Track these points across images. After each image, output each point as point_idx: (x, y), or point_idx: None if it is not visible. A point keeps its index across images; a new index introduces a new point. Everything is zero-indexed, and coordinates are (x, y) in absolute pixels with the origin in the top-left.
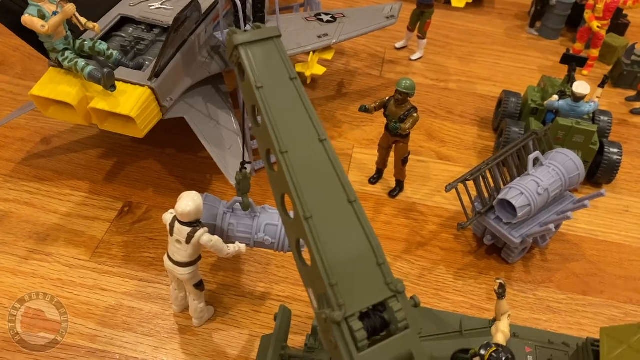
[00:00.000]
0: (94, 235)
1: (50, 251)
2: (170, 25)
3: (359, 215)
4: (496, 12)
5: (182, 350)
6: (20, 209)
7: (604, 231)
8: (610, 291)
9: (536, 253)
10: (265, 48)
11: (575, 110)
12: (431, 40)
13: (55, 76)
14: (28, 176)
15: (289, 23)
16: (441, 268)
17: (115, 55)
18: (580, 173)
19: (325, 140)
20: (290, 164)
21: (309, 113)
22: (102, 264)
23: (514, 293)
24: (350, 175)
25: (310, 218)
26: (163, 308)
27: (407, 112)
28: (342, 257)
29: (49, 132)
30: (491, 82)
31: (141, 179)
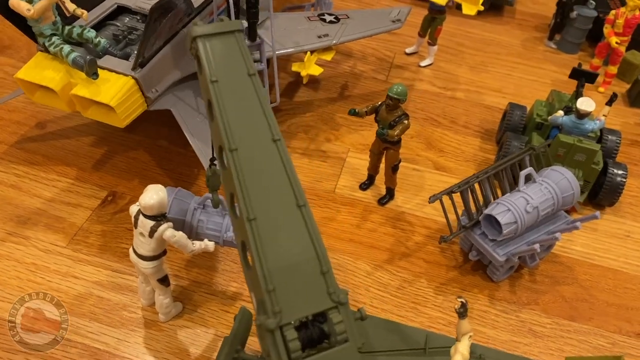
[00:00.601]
0: (74, 222)
1: (28, 235)
2: (148, 15)
3: (307, 220)
4: (516, 22)
5: (144, 345)
6: (5, 191)
7: (601, 255)
8: (599, 319)
9: (525, 273)
10: (226, 42)
11: (578, 128)
12: (443, 48)
13: (41, 61)
14: (18, 159)
15: (289, 21)
16: (422, 281)
17: (103, 43)
18: (575, 193)
19: (279, 141)
20: (239, 163)
21: (264, 111)
22: (78, 251)
23: (495, 313)
24: (341, 179)
25: (253, 220)
26: (132, 300)
27: (398, 118)
28: (284, 263)
29: (45, 117)
30: (501, 93)
31: (129, 169)
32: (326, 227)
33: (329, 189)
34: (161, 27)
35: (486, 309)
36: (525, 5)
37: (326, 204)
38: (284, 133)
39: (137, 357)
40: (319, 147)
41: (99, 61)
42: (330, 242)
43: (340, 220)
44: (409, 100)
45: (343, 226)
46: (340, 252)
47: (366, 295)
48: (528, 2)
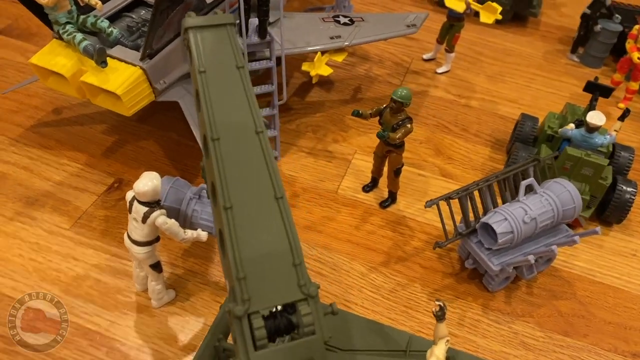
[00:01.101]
0: (79, 206)
1: (35, 216)
2: (153, 6)
3: (284, 212)
4: (539, 34)
5: (135, 329)
6: (18, 172)
7: (604, 273)
8: (595, 336)
9: (522, 285)
10: (217, 34)
11: (587, 141)
12: (462, 55)
13: (55, 48)
14: (32, 142)
15: (303, 21)
16: (416, 286)
17: (115, 33)
18: (577, 207)
19: (262, 133)
20: (220, 152)
21: (250, 103)
22: (80, 234)
23: (488, 322)
24: (345, 180)
25: (229, 208)
26: (127, 285)
27: (401, 121)
28: (257, 253)
29: (62, 104)
30: (517, 104)
31: (137, 158)
32: (325, 226)
33: (332, 189)
34: (169, 20)
35: (479, 318)
36: (551, 17)
37: (327, 204)
38: (292, 132)
39: (127, 339)
40: (325, 147)
41: (110, 51)
42: (327, 241)
43: (340, 221)
44: (421, 105)
45: (342, 226)
46: (336, 252)
47: (358, 296)
48: (554, 15)
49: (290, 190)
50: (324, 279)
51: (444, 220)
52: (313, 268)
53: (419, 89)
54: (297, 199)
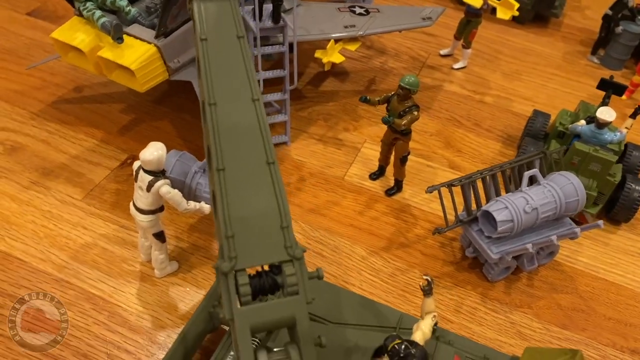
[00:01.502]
0: (92, 178)
1: (49, 185)
2: None
3: (274, 177)
4: (560, 34)
5: (137, 296)
6: (36, 144)
7: (607, 269)
8: (593, 330)
9: (523, 277)
10: (220, 5)
11: (597, 137)
12: (480, 53)
13: (75, 24)
14: (52, 117)
15: (320, 10)
16: (415, 272)
17: (133, 12)
18: (580, 200)
19: (257, 100)
20: (216, 116)
21: (247, 72)
22: (91, 205)
23: (485, 311)
24: (353, 168)
25: (222, 170)
26: (132, 255)
27: (408, 108)
28: (246, 214)
29: (83, 82)
30: (532, 102)
31: (151, 137)
32: (329, 210)
33: (339, 175)
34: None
35: (476, 306)
36: (573, 19)
37: (333, 189)
38: (304, 119)
39: (128, 306)
40: (336, 135)
41: (127, 28)
42: (330, 225)
43: (344, 206)
44: (435, 99)
45: (346, 211)
46: (338, 235)
47: (357, 278)
48: (577, 16)
49: (297, 174)
50: (324, 260)
51: (446, 208)
52: (314, 249)
53: (433, 83)
54: (304, 182)
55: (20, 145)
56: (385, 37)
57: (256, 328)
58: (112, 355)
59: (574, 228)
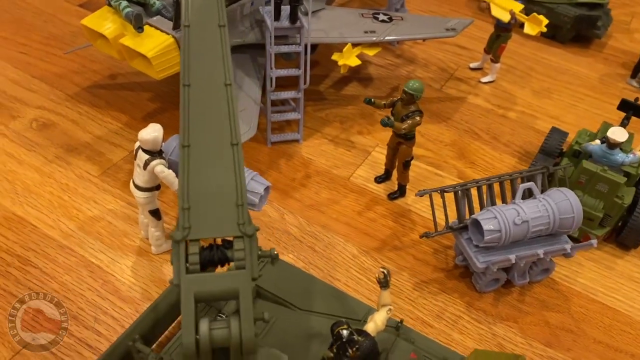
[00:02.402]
0: (110, 158)
1: (70, 161)
2: None
3: (236, 157)
4: (602, 56)
5: (132, 269)
6: (66, 123)
7: (607, 293)
8: (579, 352)
9: (515, 291)
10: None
11: (607, 158)
12: (511, 68)
13: (104, 13)
14: (85, 100)
15: (343, 14)
16: (404, 274)
17: (157, 5)
18: (576, 217)
19: (229, 85)
20: (188, 97)
21: (224, 58)
22: (105, 182)
23: (468, 320)
24: (360, 170)
25: (187, 147)
26: (134, 230)
27: (411, 113)
28: (205, 189)
29: (118, 70)
30: (558, 121)
31: (172, 125)
32: (328, 207)
33: (345, 175)
34: None
35: (460, 314)
36: (619, 41)
37: (336, 188)
38: (321, 119)
39: (122, 277)
40: (349, 137)
41: (149, 19)
42: (327, 222)
43: (344, 205)
44: (456, 111)
45: (345, 210)
46: (333, 232)
47: (344, 274)
48: (624, 39)
49: (304, 171)
50: (315, 254)
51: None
52: (307, 243)
53: (458, 95)
54: (309, 179)
55: (52, 122)
56: (417, 47)
57: (201, 296)
58: (99, 320)
59: (564, 244)
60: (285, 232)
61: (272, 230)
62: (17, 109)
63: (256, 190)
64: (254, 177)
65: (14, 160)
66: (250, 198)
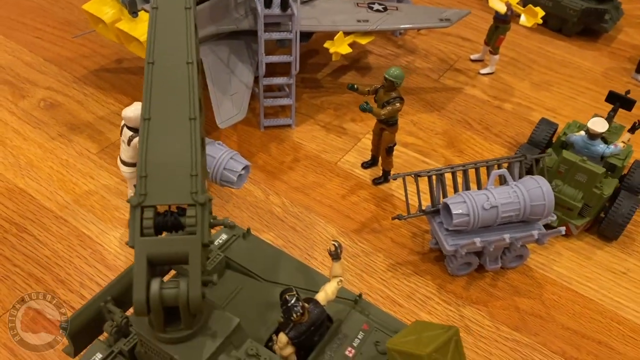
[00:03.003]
0: (110, 137)
1: (72, 138)
2: None
3: (193, 131)
4: (609, 50)
5: (119, 240)
6: (71, 103)
7: (582, 282)
8: (545, 337)
9: (488, 276)
10: None
11: (588, 148)
12: (513, 60)
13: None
14: (91, 82)
15: (337, 3)
16: (379, 256)
17: None
18: (547, 205)
19: (191, 64)
20: (151, 73)
21: (188, 39)
22: (102, 159)
23: (437, 301)
24: (348, 155)
25: (148, 119)
26: (125, 205)
27: (392, 99)
28: (162, 160)
29: (126, 56)
30: (554, 113)
31: None
32: (313, 190)
33: (332, 160)
34: None
35: (430, 295)
36: (628, 35)
37: (322, 172)
38: (315, 106)
39: (109, 247)
40: (341, 124)
41: (145, 5)
42: (310, 203)
43: (329, 188)
44: (451, 101)
45: (329, 193)
46: (315, 213)
47: (321, 253)
48: (634, 33)
49: (293, 155)
50: (295, 233)
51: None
52: (289, 222)
53: (455, 86)
54: (297, 163)
55: (58, 103)
56: (419, 38)
57: (154, 258)
58: (84, 285)
59: (532, 231)
60: (269, 211)
61: (255, 210)
62: (27, 89)
63: (234, 168)
64: (233, 157)
65: (19, 137)
66: (229, 176)
